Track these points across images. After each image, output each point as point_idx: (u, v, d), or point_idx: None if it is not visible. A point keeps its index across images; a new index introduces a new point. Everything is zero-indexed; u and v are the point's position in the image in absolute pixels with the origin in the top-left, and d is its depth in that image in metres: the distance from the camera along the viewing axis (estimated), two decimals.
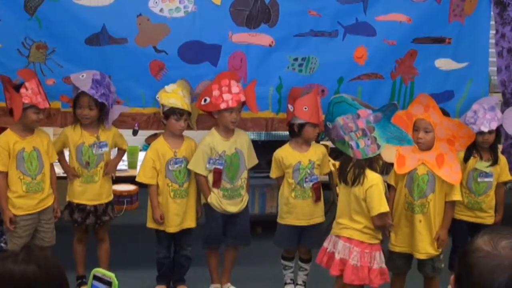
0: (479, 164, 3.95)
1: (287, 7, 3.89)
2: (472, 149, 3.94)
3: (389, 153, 3.51)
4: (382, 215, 3.36)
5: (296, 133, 3.83)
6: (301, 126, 3.80)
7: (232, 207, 3.89)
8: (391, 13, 3.99)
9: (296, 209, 3.87)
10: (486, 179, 3.96)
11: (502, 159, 4.01)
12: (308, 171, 3.83)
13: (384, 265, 3.44)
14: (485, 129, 3.85)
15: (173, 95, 3.71)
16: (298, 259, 4.10)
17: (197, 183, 3.85)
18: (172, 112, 3.73)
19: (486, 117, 3.88)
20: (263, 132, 5.01)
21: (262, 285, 4.21)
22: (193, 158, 3.81)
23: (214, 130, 3.82)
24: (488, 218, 3.99)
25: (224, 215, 3.88)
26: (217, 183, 3.80)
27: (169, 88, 3.73)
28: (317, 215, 3.94)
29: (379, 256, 3.42)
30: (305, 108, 3.75)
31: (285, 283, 4.12)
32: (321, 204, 3.96)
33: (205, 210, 3.92)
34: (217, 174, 3.79)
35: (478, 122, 3.87)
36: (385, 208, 3.35)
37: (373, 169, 3.38)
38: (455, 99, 4.18)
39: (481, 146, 3.94)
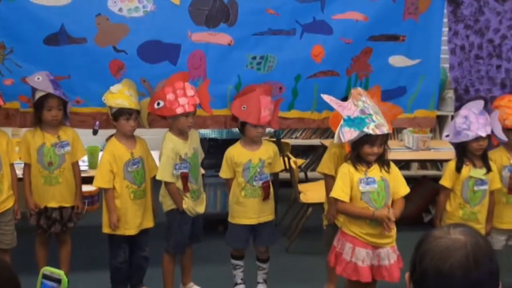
0: (474, 171, 3.85)
1: (246, 7, 3.92)
2: (463, 157, 3.87)
3: None
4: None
5: (241, 130, 3.88)
6: (243, 125, 3.84)
7: (199, 207, 3.92)
8: (348, 11, 4.04)
9: (247, 208, 3.91)
10: (482, 187, 3.86)
11: (493, 165, 3.91)
12: (258, 170, 3.87)
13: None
14: (483, 134, 3.75)
15: (120, 96, 3.68)
16: (256, 259, 4.13)
17: (169, 192, 3.81)
18: (121, 113, 3.70)
19: (479, 122, 3.78)
20: (225, 130, 5.06)
21: (225, 284, 4.24)
22: (160, 168, 3.77)
23: (170, 134, 3.78)
24: (481, 230, 3.81)
25: (192, 218, 3.90)
26: (186, 187, 3.80)
27: (114, 88, 3.69)
28: (267, 213, 3.98)
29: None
30: (244, 108, 3.78)
31: (236, 284, 4.14)
32: (272, 201, 4.00)
33: (172, 216, 3.88)
34: (185, 179, 3.78)
35: (473, 127, 3.75)
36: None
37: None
38: (407, 95, 4.27)
39: (473, 154, 3.84)
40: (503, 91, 4.25)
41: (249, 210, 3.92)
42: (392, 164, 3.56)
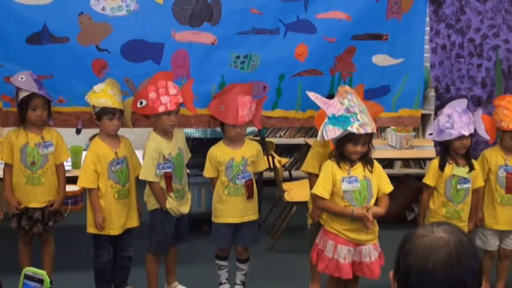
0: (457, 170, 3.86)
1: (230, 6, 3.92)
2: (446, 156, 3.90)
3: None
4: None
5: (222, 129, 3.89)
6: (222, 124, 3.85)
7: (183, 207, 3.91)
8: (331, 10, 4.05)
9: (230, 206, 3.90)
10: (465, 186, 3.87)
11: (476, 164, 3.94)
12: (241, 168, 3.87)
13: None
14: (466, 133, 3.77)
15: (103, 95, 3.67)
16: (235, 259, 4.11)
17: (152, 192, 3.80)
18: (104, 112, 3.69)
19: (463, 120, 3.80)
20: (209, 130, 5.06)
21: (210, 283, 4.23)
22: (143, 167, 3.76)
23: (154, 134, 3.78)
24: (464, 228, 3.84)
25: (176, 218, 3.89)
26: (169, 187, 3.79)
27: (97, 88, 3.68)
28: (251, 212, 3.98)
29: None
30: (221, 108, 3.78)
31: (220, 283, 4.12)
32: (255, 201, 4.00)
33: (156, 215, 3.87)
34: (168, 178, 3.77)
35: (456, 126, 3.77)
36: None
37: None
38: (391, 93, 4.28)
39: (456, 152, 3.85)
40: (483, 90, 4.28)
41: (233, 209, 3.91)
42: (375, 163, 3.59)
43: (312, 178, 3.87)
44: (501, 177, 4.04)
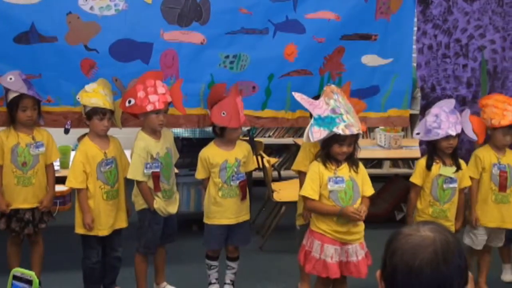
0: (444, 170, 3.87)
1: (218, 5, 3.92)
2: (433, 155, 3.91)
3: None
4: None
5: (219, 134, 3.88)
6: (222, 129, 3.83)
7: (171, 207, 3.90)
8: (320, 10, 4.07)
9: (225, 208, 3.90)
10: (451, 185, 3.88)
11: (463, 163, 3.96)
12: (235, 169, 3.87)
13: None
14: (453, 133, 3.79)
15: (94, 95, 3.66)
16: (226, 258, 4.11)
17: (140, 191, 3.79)
18: (95, 112, 3.68)
19: (450, 120, 3.81)
20: (198, 130, 5.05)
21: (199, 283, 4.22)
22: (131, 167, 3.76)
23: (142, 133, 3.78)
24: (451, 227, 3.87)
25: (165, 217, 3.88)
26: (157, 187, 3.78)
27: (89, 87, 3.68)
28: (244, 213, 3.99)
29: None
30: (223, 114, 3.76)
31: (210, 283, 4.12)
32: (247, 201, 4.01)
33: (144, 215, 3.86)
34: (156, 178, 3.77)
35: (443, 126, 3.79)
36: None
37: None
38: (381, 94, 4.30)
39: (443, 152, 3.88)
40: (468, 89, 4.31)
41: (227, 210, 3.90)
42: (360, 164, 3.60)
43: (303, 176, 3.88)
44: (495, 175, 4.07)
